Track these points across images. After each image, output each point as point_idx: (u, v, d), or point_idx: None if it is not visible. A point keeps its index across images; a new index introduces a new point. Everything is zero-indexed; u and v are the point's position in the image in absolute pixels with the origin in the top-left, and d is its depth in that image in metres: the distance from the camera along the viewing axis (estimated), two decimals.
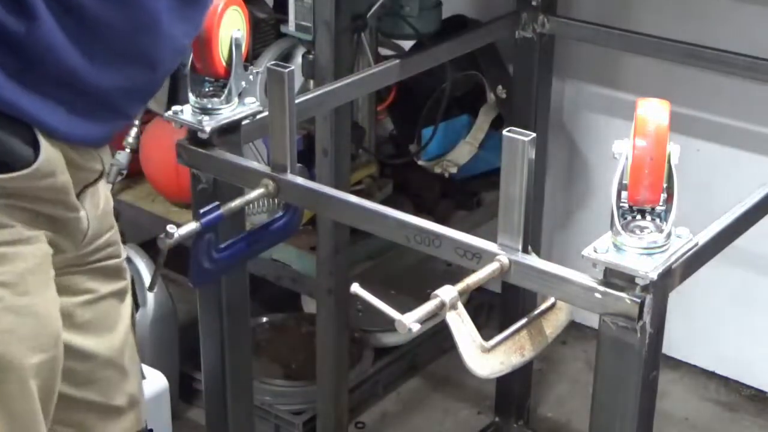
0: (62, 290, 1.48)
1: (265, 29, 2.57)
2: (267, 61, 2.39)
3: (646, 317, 1.23)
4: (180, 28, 1.44)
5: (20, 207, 1.38)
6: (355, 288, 1.28)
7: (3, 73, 1.32)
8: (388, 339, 2.80)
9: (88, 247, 1.53)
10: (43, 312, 1.42)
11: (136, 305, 1.69)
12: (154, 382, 2.18)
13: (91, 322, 1.56)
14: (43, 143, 1.37)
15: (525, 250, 1.31)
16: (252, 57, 2.44)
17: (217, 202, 1.51)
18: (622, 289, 1.23)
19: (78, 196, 1.46)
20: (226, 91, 1.57)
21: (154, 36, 1.40)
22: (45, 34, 1.31)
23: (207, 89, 1.59)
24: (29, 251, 1.40)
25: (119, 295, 1.61)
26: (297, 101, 1.59)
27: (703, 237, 1.30)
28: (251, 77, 1.60)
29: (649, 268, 1.21)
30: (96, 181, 1.51)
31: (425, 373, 2.88)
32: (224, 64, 1.56)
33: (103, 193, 1.54)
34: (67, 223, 1.46)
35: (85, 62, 1.35)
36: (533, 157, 1.28)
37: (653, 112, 1.24)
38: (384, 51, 2.58)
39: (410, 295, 2.64)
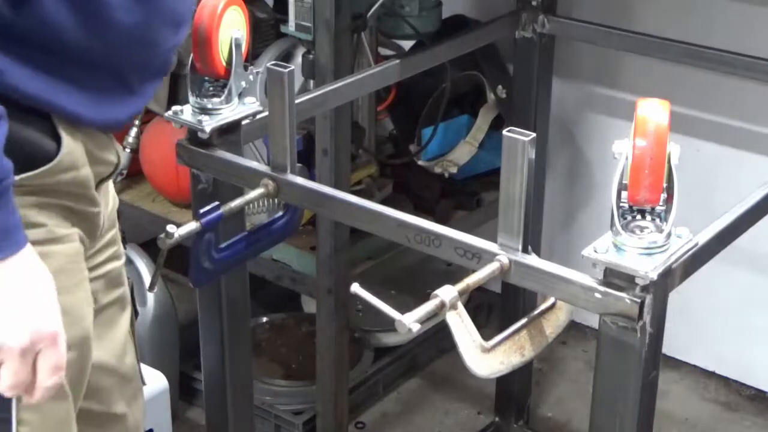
0: None
1: (265, 29, 2.57)
2: (267, 61, 2.39)
3: (646, 317, 1.23)
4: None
5: (52, 204, 1.37)
6: (355, 288, 1.28)
7: (16, 61, 1.30)
8: (388, 339, 2.79)
9: (96, 245, 1.51)
10: (72, 311, 1.39)
11: (135, 310, 1.66)
12: (154, 382, 2.17)
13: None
14: (64, 135, 1.35)
15: (525, 250, 1.31)
16: (252, 57, 2.43)
17: (217, 202, 1.50)
18: (622, 289, 1.23)
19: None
20: (226, 91, 1.57)
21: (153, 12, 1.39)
22: (46, 12, 1.29)
23: (207, 89, 1.59)
24: (60, 250, 1.39)
25: (120, 302, 1.59)
26: (297, 101, 1.59)
27: (703, 237, 1.30)
28: (251, 77, 1.59)
29: (649, 268, 1.21)
30: (110, 175, 1.49)
31: (425, 373, 2.87)
32: (224, 64, 1.56)
33: (112, 189, 1.54)
34: (91, 218, 1.44)
35: (90, 36, 1.34)
36: (533, 157, 1.28)
37: (653, 112, 1.24)
38: (384, 51, 2.58)
39: (410, 295, 2.64)
